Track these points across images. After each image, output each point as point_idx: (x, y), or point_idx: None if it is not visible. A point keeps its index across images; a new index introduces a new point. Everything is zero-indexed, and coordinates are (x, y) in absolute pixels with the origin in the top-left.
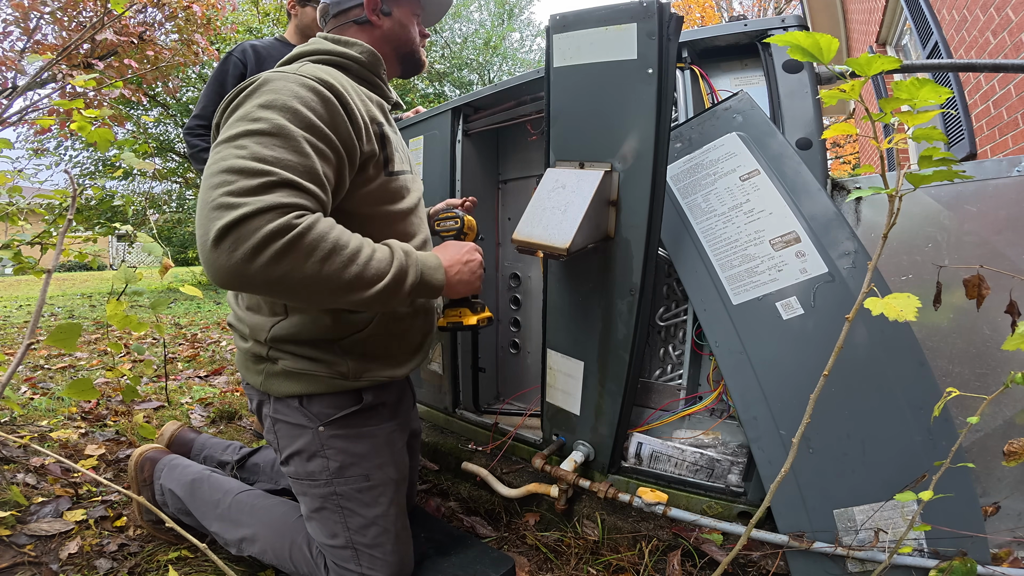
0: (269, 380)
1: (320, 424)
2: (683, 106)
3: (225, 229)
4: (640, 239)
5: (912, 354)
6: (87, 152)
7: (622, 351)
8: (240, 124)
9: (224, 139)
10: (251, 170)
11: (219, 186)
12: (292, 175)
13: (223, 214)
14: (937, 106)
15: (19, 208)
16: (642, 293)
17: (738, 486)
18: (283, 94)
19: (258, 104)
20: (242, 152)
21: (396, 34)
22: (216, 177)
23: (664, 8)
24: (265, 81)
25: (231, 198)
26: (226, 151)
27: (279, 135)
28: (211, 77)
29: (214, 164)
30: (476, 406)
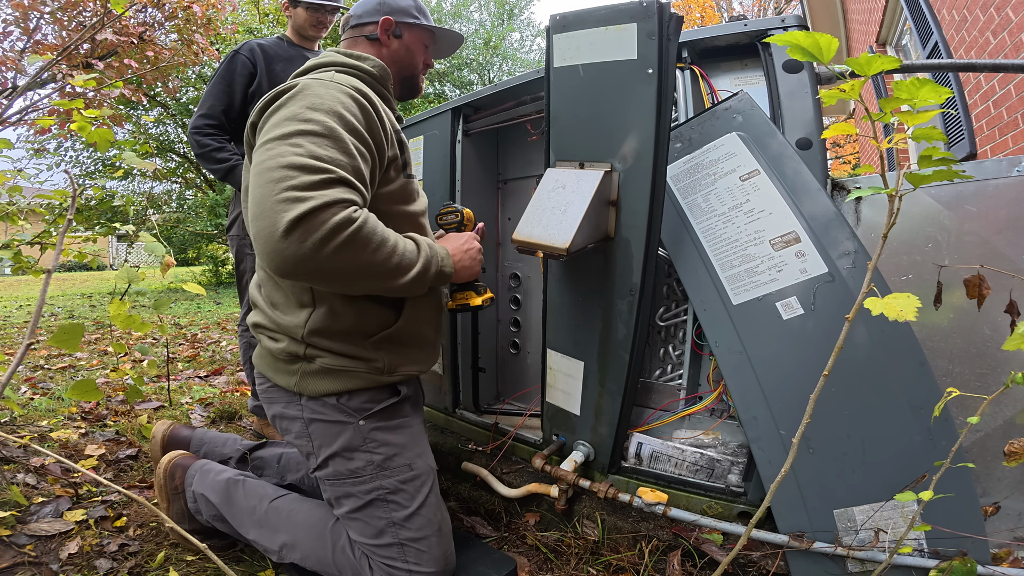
0: (305, 380)
1: (361, 418)
2: (683, 106)
3: (296, 221)
4: (640, 239)
5: (912, 354)
6: (87, 152)
7: (622, 351)
8: (291, 124)
9: (275, 137)
10: (312, 167)
11: (282, 180)
12: (346, 174)
13: (292, 207)
14: (937, 106)
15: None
16: (642, 293)
17: (738, 486)
18: (328, 99)
19: (306, 106)
20: (299, 150)
21: (401, 57)
22: (278, 172)
23: (664, 8)
24: (307, 86)
25: (297, 192)
26: (282, 147)
27: (330, 136)
28: (217, 76)
29: (272, 160)
30: (476, 406)
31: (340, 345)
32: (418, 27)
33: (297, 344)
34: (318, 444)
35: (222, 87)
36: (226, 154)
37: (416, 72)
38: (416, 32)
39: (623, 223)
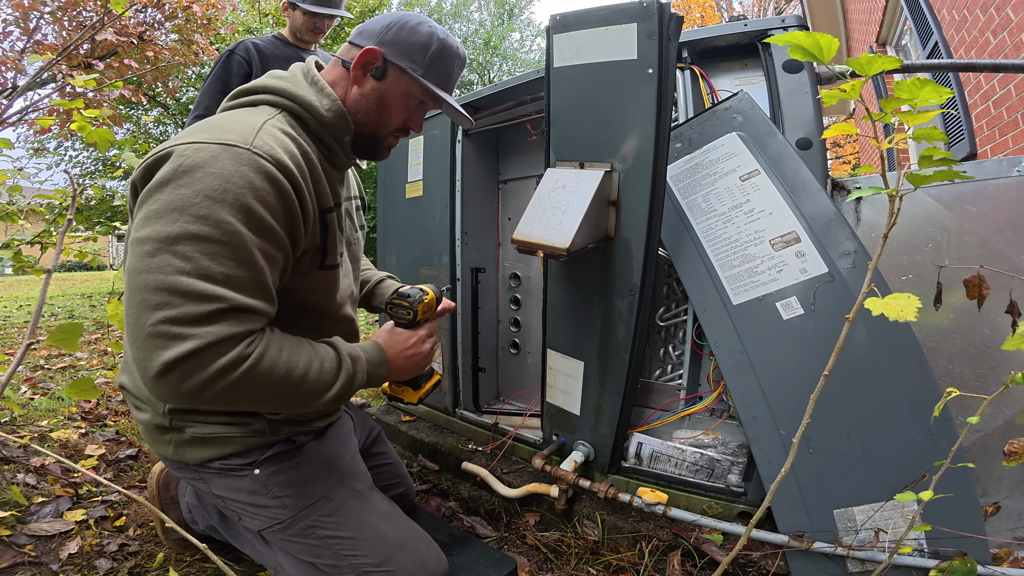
0: (181, 449)
1: (254, 468)
2: (683, 106)
3: (171, 364)
4: (640, 239)
5: (912, 354)
6: (87, 152)
7: (622, 351)
8: (180, 220)
9: (158, 237)
10: (199, 294)
11: (159, 308)
12: (244, 297)
13: (167, 345)
14: (937, 106)
15: (19, 208)
16: (642, 293)
17: (738, 486)
18: (236, 183)
19: (204, 194)
20: (186, 265)
21: (368, 106)
22: (154, 295)
23: (664, 8)
24: (209, 160)
25: (176, 327)
26: (164, 256)
27: (231, 244)
28: (212, 76)
29: (150, 272)
30: (476, 406)
31: (207, 415)
32: (410, 77)
33: (161, 416)
34: (229, 502)
35: (218, 87)
36: None
37: (381, 134)
38: (406, 83)
39: (623, 223)
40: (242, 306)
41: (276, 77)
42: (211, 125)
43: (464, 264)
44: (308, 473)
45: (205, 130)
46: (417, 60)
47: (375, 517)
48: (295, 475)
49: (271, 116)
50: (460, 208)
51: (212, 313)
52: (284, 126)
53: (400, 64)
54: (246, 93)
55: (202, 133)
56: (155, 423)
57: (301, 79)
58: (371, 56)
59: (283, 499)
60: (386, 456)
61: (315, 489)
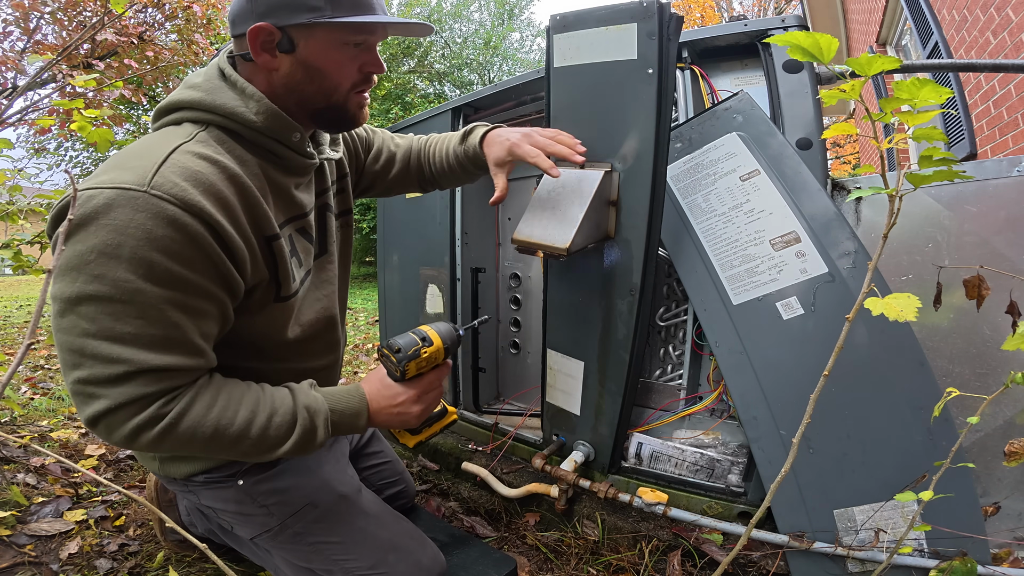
0: (165, 465)
1: (238, 479)
2: (683, 106)
3: (92, 419)
4: (640, 239)
5: (912, 354)
6: (87, 152)
7: (622, 351)
8: (78, 278)
9: (63, 298)
10: (105, 356)
11: (73, 367)
12: (155, 355)
13: (86, 403)
14: (937, 106)
15: (19, 208)
16: (642, 293)
17: (738, 486)
18: (132, 235)
19: (98, 249)
20: (89, 327)
21: (301, 81)
22: (68, 355)
23: (664, 8)
24: (106, 206)
25: (88, 387)
26: (70, 320)
27: (133, 302)
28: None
29: (60, 333)
30: (476, 406)
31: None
32: (323, 26)
33: None
34: (219, 512)
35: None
36: None
37: (337, 100)
38: (323, 35)
39: (623, 223)
40: (152, 367)
41: (191, 86)
42: (117, 160)
43: (464, 264)
44: (291, 480)
45: (108, 168)
46: (312, 4)
47: (363, 520)
48: (279, 483)
49: (189, 138)
50: (460, 208)
51: (119, 375)
52: (204, 148)
53: (298, 22)
54: (165, 111)
55: (104, 173)
56: None
57: (219, 82)
58: (261, 34)
59: (269, 507)
60: (382, 455)
61: (299, 496)
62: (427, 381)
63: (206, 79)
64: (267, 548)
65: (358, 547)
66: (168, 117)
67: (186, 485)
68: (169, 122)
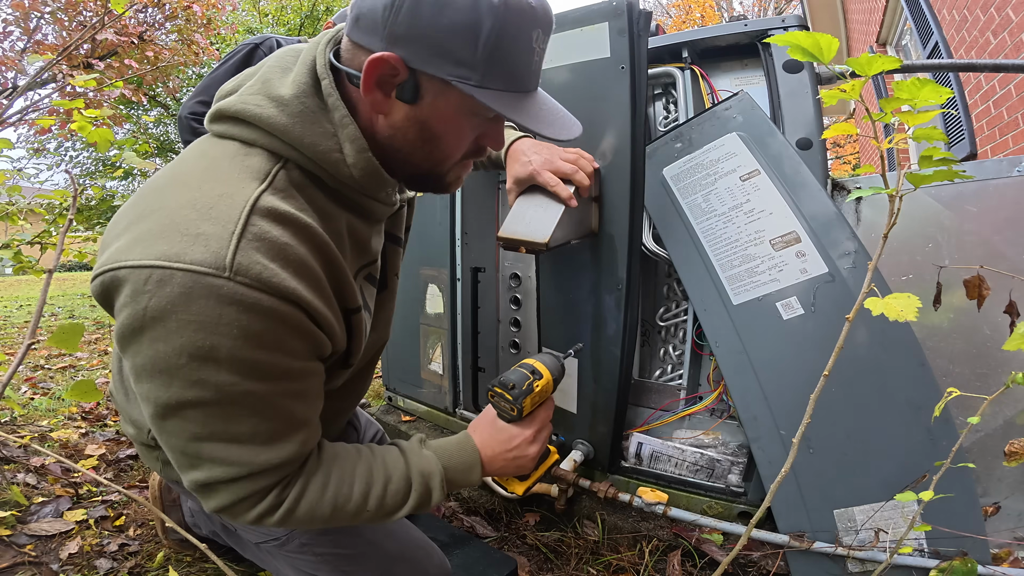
0: (168, 468)
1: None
2: (683, 106)
3: (216, 510)
4: (623, 234)
5: (912, 354)
6: (87, 152)
7: (613, 347)
8: (172, 383)
9: (161, 403)
10: (220, 460)
11: (189, 468)
12: (272, 452)
13: (207, 496)
14: (937, 106)
15: (19, 208)
16: (629, 287)
17: (738, 486)
18: (225, 335)
19: (187, 352)
20: (201, 431)
21: (409, 141)
22: (179, 456)
23: (633, 5)
24: (183, 297)
25: (204, 485)
26: (175, 424)
27: (242, 403)
28: (228, 65)
29: (167, 435)
30: (475, 406)
31: None
32: (456, 90)
33: (147, 437)
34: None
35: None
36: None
37: (440, 170)
38: (459, 99)
39: (606, 218)
40: (272, 465)
41: (273, 99)
42: (176, 214)
43: (464, 264)
44: None
45: (167, 228)
46: (464, 59)
47: (371, 532)
48: None
49: (266, 182)
50: (460, 208)
51: (240, 476)
52: (286, 204)
53: (436, 74)
54: (232, 119)
55: (164, 238)
56: (141, 441)
57: (312, 104)
58: (383, 68)
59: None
60: None
61: None
62: (541, 418)
63: (296, 93)
64: (272, 553)
65: (366, 559)
66: (236, 130)
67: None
68: (236, 137)
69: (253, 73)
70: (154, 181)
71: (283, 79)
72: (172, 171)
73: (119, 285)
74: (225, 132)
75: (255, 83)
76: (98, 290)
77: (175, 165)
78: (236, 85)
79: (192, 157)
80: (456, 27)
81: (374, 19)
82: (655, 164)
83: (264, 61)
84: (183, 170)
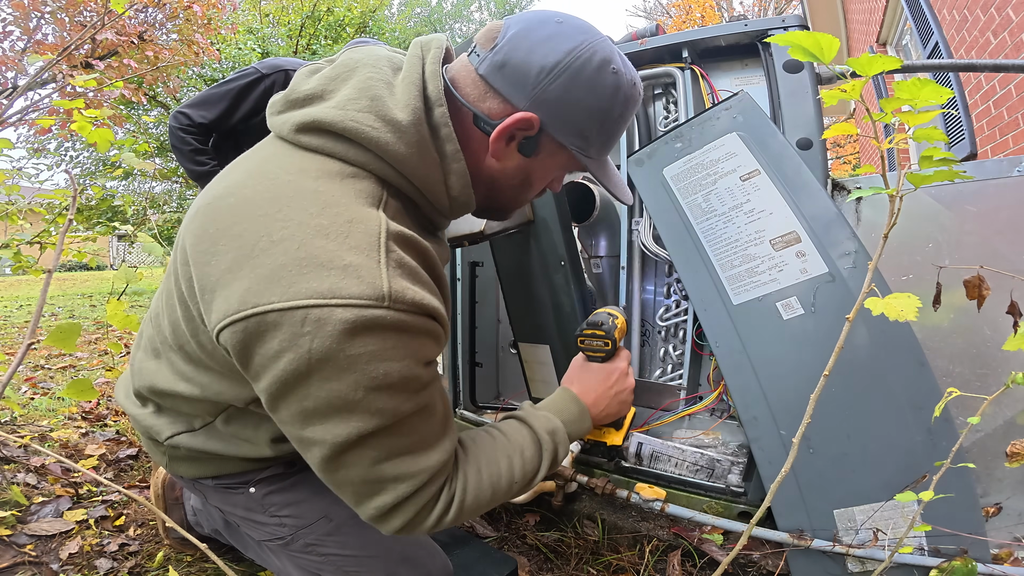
0: (174, 463)
1: (250, 486)
2: (683, 106)
3: (398, 529)
4: (553, 215)
5: (912, 354)
6: (87, 152)
7: (572, 324)
8: (349, 419)
9: (339, 443)
10: (403, 475)
11: (371, 496)
12: (440, 452)
13: (385, 523)
14: (938, 106)
15: (19, 208)
16: (572, 262)
17: (738, 486)
18: (395, 360)
19: (363, 386)
20: (380, 454)
21: (510, 185)
22: (360, 487)
23: None
24: (349, 334)
25: (392, 509)
26: (355, 457)
27: (413, 415)
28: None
29: (344, 469)
30: (474, 403)
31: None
32: (568, 153)
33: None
34: (227, 511)
35: (228, 102)
36: (204, 158)
37: (513, 207)
38: (563, 158)
39: (536, 204)
40: (439, 465)
41: (388, 121)
42: (303, 249)
43: (463, 259)
44: (306, 492)
45: (299, 266)
46: (587, 134)
47: (377, 533)
48: (292, 495)
49: (380, 205)
50: None
51: (416, 488)
52: (402, 228)
53: (561, 141)
54: (339, 135)
55: (303, 275)
56: (151, 437)
57: (425, 133)
58: (522, 125)
59: (281, 518)
60: None
61: (314, 509)
62: (625, 354)
63: (413, 121)
64: (275, 552)
65: (371, 560)
66: (341, 148)
67: (193, 484)
68: (339, 156)
69: (338, 76)
70: (241, 204)
71: (392, 97)
72: (261, 191)
73: (267, 330)
74: (323, 147)
75: (357, 96)
76: (239, 338)
77: (262, 184)
78: (315, 90)
79: (284, 173)
80: (593, 110)
81: (524, 76)
82: (655, 164)
83: (352, 59)
84: (281, 192)
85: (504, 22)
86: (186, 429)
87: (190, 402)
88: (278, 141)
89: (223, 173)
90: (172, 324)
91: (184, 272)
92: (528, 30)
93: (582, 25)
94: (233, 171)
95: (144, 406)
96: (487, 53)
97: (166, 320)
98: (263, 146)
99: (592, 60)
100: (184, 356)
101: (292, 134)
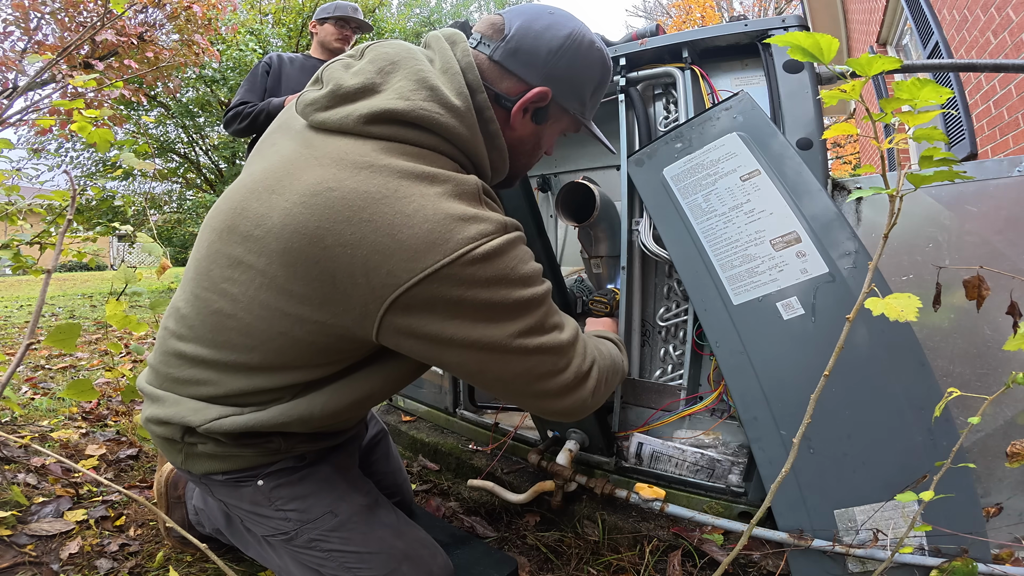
0: (190, 460)
1: (258, 479)
2: (683, 106)
3: (589, 399)
4: (527, 217)
5: (913, 354)
6: (87, 152)
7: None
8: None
9: (526, 329)
10: (562, 367)
11: (557, 374)
12: (568, 331)
13: (581, 387)
14: (938, 106)
15: (19, 208)
16: (540, 236)
17: (739, 486)
18: (528, 259)
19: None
20: (551, 321)
21: (525, 151)
22: (529, 386)
23: None
24: (501, 248)
25: (589, 368)
26: (525, 361)
27: (542, 302)
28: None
29: (524, 355)
30: (474, 404)
31: (233, 438)
32: (570, 117)
33: (176, 430)
34: (232, 507)
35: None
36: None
37: (522, 173)
38: (566, 122)
39: (508, 209)
40: (571, 343)
41: (455, 113)
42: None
43: None
44: (313, 487)
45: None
46: (584, 98)
47: (381, 530)
48: (299, 489)
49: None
50: None
51: (568, 368)
52: (480, 180)
53: (566, 106)
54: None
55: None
56: (166, 436)
57: (473, 116)
58: (538, 99)
59: (287, 512)
60: (382, 464)
61: (320, 504)
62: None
63: (467, 106)
64: (278, 548)
65: (373, 557)
66: (413, 134)
67: (200, 480)
68: (412, 141)
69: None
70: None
71: (446, 85)
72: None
73: (442, 282)
74: (396, 135)
75: (416, 87)
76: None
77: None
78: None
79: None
80: (588, 79)
81: (535, 57)
82: (655, 164)
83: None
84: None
85: (504, 16)
86: (233, 413)
87: (260, 393)
88: (334, 135)
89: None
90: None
91: (297, 271)
92: (531, 21)
93: (567, 14)
94: (303, 169)
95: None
96: (498, 43)
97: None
98: (314, 140)
99: (584, 41)
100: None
101: (360, 125)
